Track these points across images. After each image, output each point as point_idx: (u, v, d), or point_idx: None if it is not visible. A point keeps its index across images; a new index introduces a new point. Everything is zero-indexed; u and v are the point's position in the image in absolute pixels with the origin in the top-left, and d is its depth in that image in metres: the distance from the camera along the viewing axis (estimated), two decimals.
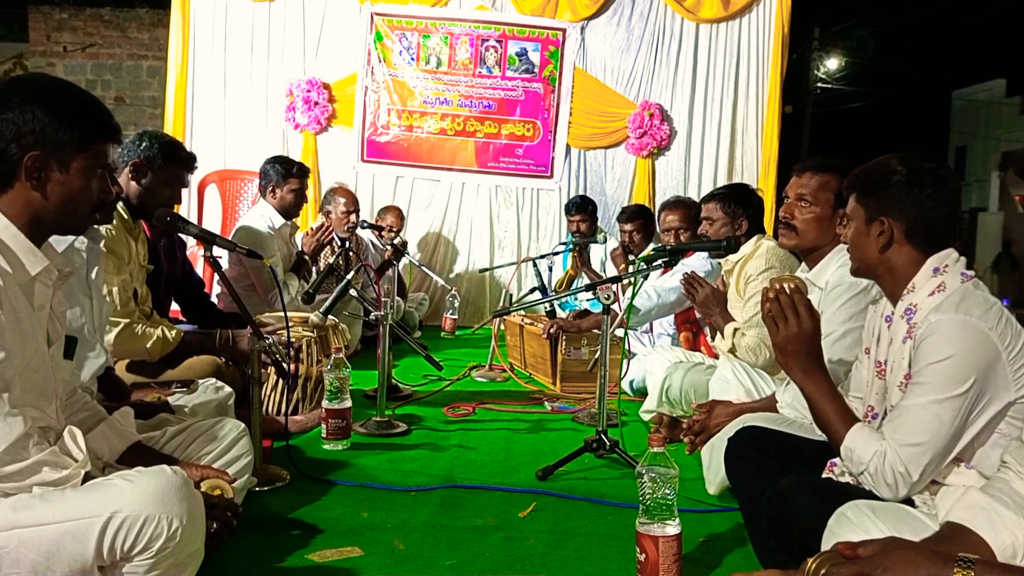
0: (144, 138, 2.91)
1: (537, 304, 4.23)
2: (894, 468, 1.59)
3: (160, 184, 2.89)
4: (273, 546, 2.09)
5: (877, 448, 1.62)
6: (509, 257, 6.57)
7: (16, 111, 1.50)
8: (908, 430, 1.59)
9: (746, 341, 2.94)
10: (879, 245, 1.75)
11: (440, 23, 6.50)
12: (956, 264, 1.70)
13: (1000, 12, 19.74)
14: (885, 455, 1.60)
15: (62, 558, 1.39)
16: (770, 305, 1.76)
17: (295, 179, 4.28)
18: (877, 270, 1.79)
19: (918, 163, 1.74)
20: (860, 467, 1.64)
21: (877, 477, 1.61)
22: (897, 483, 1.59)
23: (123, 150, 2.92)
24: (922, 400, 1.59)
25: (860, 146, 23.69)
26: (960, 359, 1.56)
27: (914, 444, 1.58)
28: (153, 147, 2.87)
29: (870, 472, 1.62)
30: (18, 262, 1.52)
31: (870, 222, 1.76)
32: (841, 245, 2.44)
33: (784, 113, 7.02)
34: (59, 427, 1.60)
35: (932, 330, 1.59)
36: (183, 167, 2.98)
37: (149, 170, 2.86)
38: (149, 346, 2.73)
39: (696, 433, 2.60)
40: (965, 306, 1.60)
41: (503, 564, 2.04)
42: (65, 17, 10.26)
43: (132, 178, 2.86)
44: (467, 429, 3.32)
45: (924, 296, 1.68)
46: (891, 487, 1.59)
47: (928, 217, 1.71)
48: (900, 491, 1.59)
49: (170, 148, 2.93)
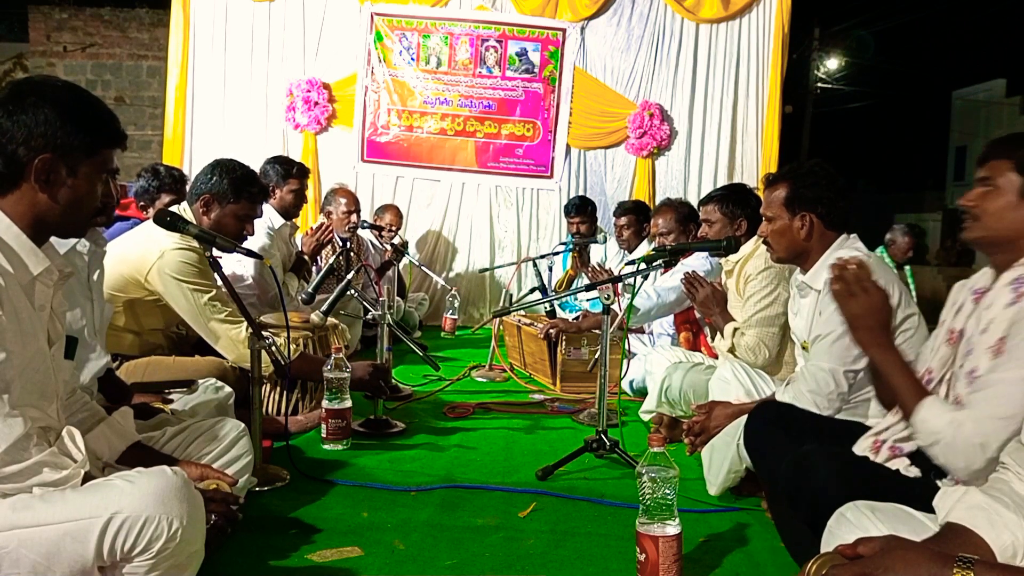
0: (215, 172, 2.93)
1: (537, 304, 4.23)
2: (970, 440, 1.54)
3: (230, 218, 2.93)
4: (273, 546, 2.09)
5: (952, 418, 1.58)
6: (509, 257, 6.58)
7: (29, 113, 1.50)
8: (997, 403, 1.54)
9: (746, 340, 2.94)
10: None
11: (440, 23, 6.50)
12: None
13: (1000, 12, 19.77)
14: (961, 426, 1.56)
15: (62, 558, 1.39)
16: (838, 285, 1.77)
17: (295, 179, 4.29)
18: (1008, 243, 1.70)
19: None
20: (933, 437, 1.60)
21: (951, 448, 1.57)
22: (974, 455, 1.54)
23: (195, 181, 2.96)
24: (1016, 373, 1.53)
25: (860, 146, 23.69)
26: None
27: (1001, 417, 1.53)
28: (224, 182, 2.90)
29: (945, 441, 1.58)
30: (20, 262, 1.52)
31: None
32: (835, 247, 2.45)
33: (784, 113, 7.02)
34: (59, 427, 1.60)
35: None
36: (254, 202, 3.00)
37: (219, 204, 2.90)
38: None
39: (696, 434, 2.61)
40: None
41: (503, 564, 2.04)
42: (65, 17, 10.25)
43: (203, 212, 2.90)
44: (467, 429, 3.32)
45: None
46: (966, 458, 1.55)
47: None
48: (975, 462, 1.54)
49: (240, 183, 2.95)
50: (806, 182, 2.48)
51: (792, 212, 2.48)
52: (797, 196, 2.48)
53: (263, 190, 3.05)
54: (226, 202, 2.92)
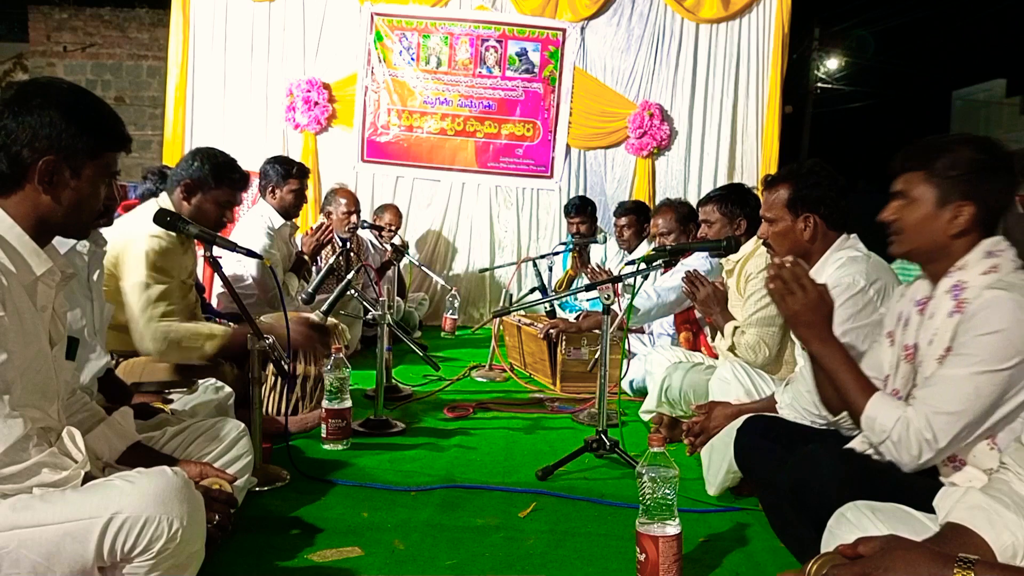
0: (196, 158, 2.93)
1: (537, 304, 4.23)
2: (920, 435, 1.58)
3: (211, 204, 2.92)
4: (273, 546, 2.09)
5: (900, 415, 1.61)
6: (509, 257, 6.57)
7: (34, 115, 1.51)
8: (944, 398, 1.58)
9: (746, 339, 2.94)
10: (952, 230, 1.70)
11: (440, 23, 6.50)
12: (1008, 250, 1.69)
13: (1000, 12, 19.76)
14: (909, 422, 1.59)
15: (62, 559, 1.39)
16: (774, 284, 1.78)
17: (295, 179, 4.28)
18: (935, 253, 1.74)
19: (997, 149, 1.71)
20: (882, 435, 1.63)
21: (900, 445, 1.60)
22: (922, 449, 1.58)
23: (176, 168, 2.94)
24: (962, 371, 1.57)
25: (860, 146, 23.70)
26: (1010, 335, 1.55)
27: (948, 412, 1.57)
28: (205, 168, 2.89)
29: (892, 440, 1.61)
30: (23, 262, 1.52)
31: (943, 205, 1.71)
32: (835, 247, 2.45)
33: (784, 113, 7.03)
34: (60, 428, 1.60)
35: (986, 304, 1.58)
36: (235, 188, 3.00)
37: (200, 191, 2.89)
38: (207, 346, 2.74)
39: (696, 434, 2.61)
40: (1020, 287, 1.59)
41: (503, 564, 2.04)
42: (65, 17, 10.26)
43: (183, 197, 2.89)
44: (467, 429, 3.32)
45: (976, 275, 1.66)
46: (913, 454, 1.59)
47: (1001, 205, 1.70)
48: (923, 457, 1.59)
49: (222, 169, 2.95)
50: (808, 183, 2.47)
51: (795, 213, 2.48)
52: (800, 197, 2.47)
53: (244, 177, 3.04)
54: (207, 188, 2.90)
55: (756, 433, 2.15)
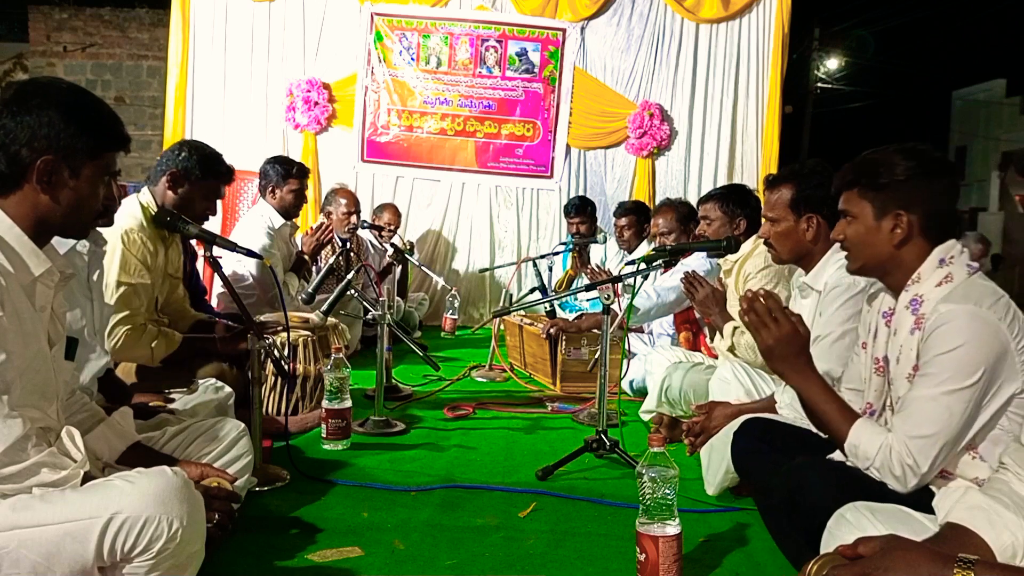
0: (183, 149, 2.91)
1: (537, 304, 4.23)
2: (902, 461, 1.59)
3: (197, 196, 2.90)
4: (273, 546, 2.09)
5: (882, 442, 1.62)
6: (509, 257, 6.57)
7: (33, 114, 1.50)
8: (917, 421, 1.59)
9: (746, 339, 2.93)
10: (895, 240, 1.72)
11: (440, 23, 6.50)
12: (961, 256, 1.69)
13: (1000, 12, 19.77)
14: (891, 448, 1.60)
15: (62, 559, 1.39)
16: (748, 317, 1.77)
17: (295, 179, 4.28)
18: (886, 266, 1.76)
19: (927, 153, 1.72)
20: (866, 462, 1.64)
21: (884, 471, 1.61)
22: (906, 475, 1.59)
23: (162, 159, 2.93)
24: (931, 391, 1.58)
25: (860, 146, 23.72)
26: (970, 349, 1.55)
27: (923, 436, 1.58)
28: (192, 159, 2.87)
29: (876, 467, 1.62)
30: (21, 263, 1.52)
31: (881, 217, 1.73)
32: (836, 247, 2.45)
33: (784, 113, 7.03)
34: (59, 428, 1.60)
35: (942, 320, 1.58)
36: (221, 180, 2.99)
37: (186, 181, 2.87)
38: (153, 346, 2.72)
39: (696, 434, 2.60)
40: (974, 297, 1.59)
41: (503, 564, 2.04)
42: (65, 17, 10.26)
43: (169, 188, 2.86)
44: (467, 429, 3.32)
45: (931, 287, 1.67)
46: (899, 479, 1.60)
47: (942, 209, 1.70)
48: (909, 482, 1.59)
49: (209, 161, 2.93)
50: (811, 183, 2.46)
51: (798, 214, 2.47)
52: (803, 198, 2.46)
53: (230, 171, 3.04)
54: (194, 179, 2.87)
55: (753, 436, 2.15)
